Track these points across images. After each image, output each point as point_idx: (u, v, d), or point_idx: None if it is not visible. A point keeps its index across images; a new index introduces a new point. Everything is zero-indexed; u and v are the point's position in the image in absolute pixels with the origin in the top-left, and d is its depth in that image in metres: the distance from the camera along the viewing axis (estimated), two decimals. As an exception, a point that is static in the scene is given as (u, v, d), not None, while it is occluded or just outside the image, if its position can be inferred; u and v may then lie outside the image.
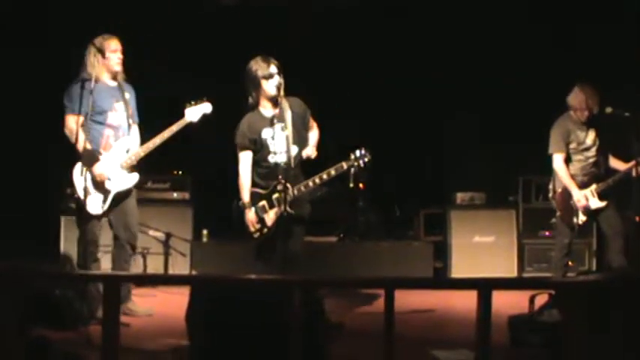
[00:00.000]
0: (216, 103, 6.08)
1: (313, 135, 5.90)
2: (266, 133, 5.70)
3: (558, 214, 6.70)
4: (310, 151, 5.75)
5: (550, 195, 6.82)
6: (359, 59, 8.50)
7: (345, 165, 5.58)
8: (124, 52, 5.99)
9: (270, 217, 5.66)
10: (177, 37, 8.29)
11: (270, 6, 8.38)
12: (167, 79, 7.85)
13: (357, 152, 5.57)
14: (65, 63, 6.19)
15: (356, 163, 5.56)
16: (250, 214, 5.66)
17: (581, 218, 6.60)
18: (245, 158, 5.76)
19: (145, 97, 6.26)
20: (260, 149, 5.72)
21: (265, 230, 5.69)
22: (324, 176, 5.59)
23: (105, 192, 5.87)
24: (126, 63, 6.02)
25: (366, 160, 5.57)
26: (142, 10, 8.07)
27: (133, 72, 6.13)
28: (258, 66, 5.66)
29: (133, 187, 6.07)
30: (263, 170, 5.73)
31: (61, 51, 6.53)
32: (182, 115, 5.98)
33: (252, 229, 5.67)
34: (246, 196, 5.70)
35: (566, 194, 6.61)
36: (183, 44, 8.31)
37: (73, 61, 5.98)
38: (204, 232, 8.09)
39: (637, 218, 6.60)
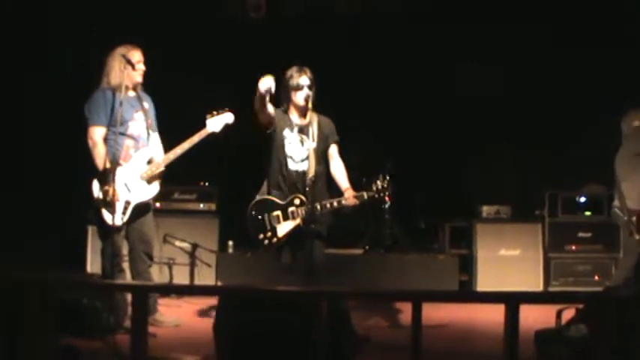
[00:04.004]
0: (242, 114, 6.07)
1: (342, 175, 5.84)
2: (287, 132, 5.72)
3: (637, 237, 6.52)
4: (351, 202, 5.67)
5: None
6: (384, 70, 8.48)
7: (365, 195, 5.67)
8: (146, 63, 5.93)
9: (282, 228, 5.67)
10: (202, 45, 8.31)
11: (294, 16, 8.43)
12: (190, 89, 7.89)
13: (379, 184, 5.67)
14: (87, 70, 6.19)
15: (377, 195, 5.67)
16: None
17: None
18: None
19: (167, 107, 6.22)
20: (276, 144, 5.70)
21: (275, 240, 5.67)
22: (343, 202, 5.63)
23: (125, 203, 5.78)
24: (146, 73, 5.97)
25: (387, 193, 5.69)
26: (164, 21, 8.11)
27: (156, 81, 6.09)
28: (291, 75, 5.71)
29: (151, 200, 6.00)
30: (283, 178, 5.72)
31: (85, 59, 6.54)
32: (204, 126, 5.95)
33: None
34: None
35: None
36: (209, 53, 8.33)
37: (94, 68, 5.95)
38: (230, 243, 8.10)
39: None
